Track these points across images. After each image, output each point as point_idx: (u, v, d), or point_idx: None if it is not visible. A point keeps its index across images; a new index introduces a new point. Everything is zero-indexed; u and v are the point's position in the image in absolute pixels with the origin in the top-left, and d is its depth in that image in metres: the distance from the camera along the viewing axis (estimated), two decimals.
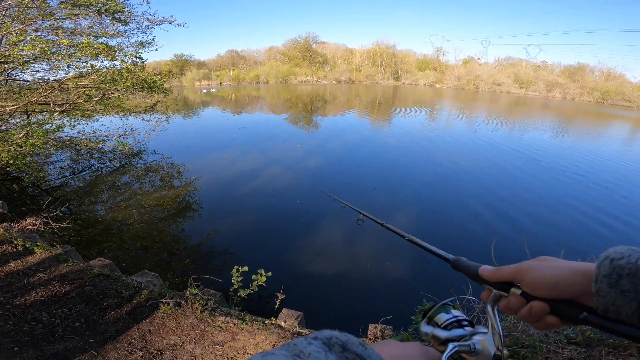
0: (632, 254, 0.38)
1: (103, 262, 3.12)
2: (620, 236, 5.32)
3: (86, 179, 7.72)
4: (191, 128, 15.42)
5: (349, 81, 66.80)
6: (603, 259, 0.40)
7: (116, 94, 7.38)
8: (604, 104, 49.42)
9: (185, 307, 2.43)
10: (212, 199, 6.41)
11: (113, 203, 6.33)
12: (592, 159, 10.40)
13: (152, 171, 8.42)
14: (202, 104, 29.47)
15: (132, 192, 6.91)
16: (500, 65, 66.87)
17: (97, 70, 5.88)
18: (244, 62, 73.94)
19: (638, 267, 0.37)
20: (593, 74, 58.72)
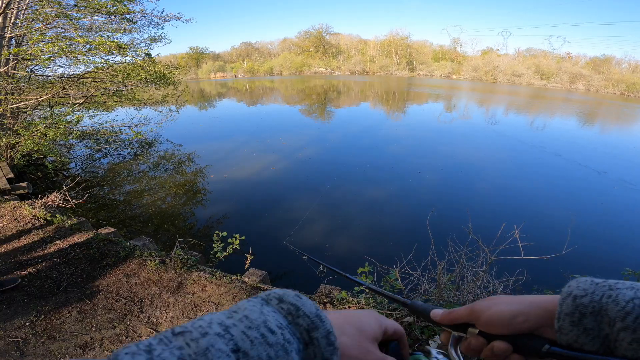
0: (596, 290, 0.38)
1: (109, 230, 3.73)
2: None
3: (104, 166, 8.55)
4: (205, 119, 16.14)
5: (362, 72, 66.26)
6: (566, 295, 0.40)
7: (130, 86, 8.03)
8: (629, 96, 47.06)
9: (169, 264, 2.98)
10: (214, 182, 7.01)
11: (127, 185, 7.07)
12: None
13: (165, 158, 9.16)
14: (218, 95, 30.34)
15: (144, 176, 7.63)
16: (521, 56, 64.48)
17: (111, 65, 6.52)
18: (258, 54, 74.55)
19: (602, 305, 0.36)
20: (620, 66, 55.84)
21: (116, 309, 2.56)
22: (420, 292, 2.38)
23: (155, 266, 2.98)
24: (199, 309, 2.58)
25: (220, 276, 2.88)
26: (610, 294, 0.37)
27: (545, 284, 2.53)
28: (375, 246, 4.57)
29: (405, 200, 6.22)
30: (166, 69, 8.55)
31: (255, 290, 2.77)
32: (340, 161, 8.59)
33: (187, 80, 54.90)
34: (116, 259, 3.13)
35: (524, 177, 7.76)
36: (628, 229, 5.39)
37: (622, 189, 7.03)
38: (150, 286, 2.81)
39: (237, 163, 8.42)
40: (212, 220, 5.37)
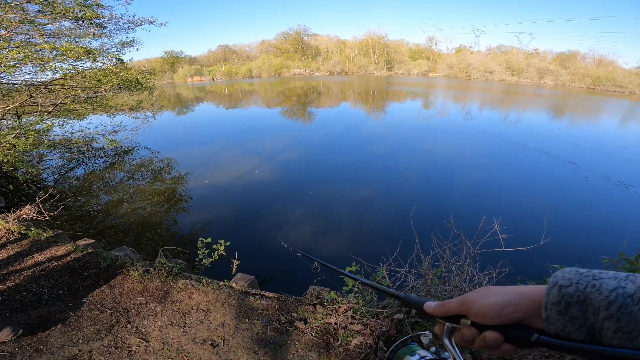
0: (581, 280, 0.39)
1: (87, 241, 3.60)
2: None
3: (79, 176, 8.23)
4: (183, 124, 15.77)
5: (342, 72, 66.77)
6: (552, 285, 0.41)
7: (102, 93, 7.75)
8: (595, 89, 49.75)
9: (153, 274, 2.91)
10: (195, 188, 6.87)
11: (104, 195, 6.83)
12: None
13: (143, 166, 8.91)
14: (196, 99, 29.75)
15: (121, 185, 7.39)
16: (492, 53, 66.92)
17: (80, 71, 6.27)
18: (236, 57, 73.71)
19: (587, 294, 0.37)
20: (585, 61, 59.04)
21: (102, 320, 2.51)
22: (408, 289, 2.42)
23: (139, 276, 2.91)
24: (188, 316, 2.54)
25: (207, 283, 2.84)
26: (594, 283, 0.38)
27: (528, 275, 2.59)
28: (362, 245, 4.62)
29: (388, 198, 6.33)
30: (140, 74, 8.31)
31: (243, 296, 2.75)
32: (323, 162, 8.63)
33: (162, 85, 53.50)
34: (97, 270, 3.04)
35: (500, 170, 8.06)
36: (601, 217, 5.65)
37: (593, 179, 7.42)
38: (135, 296, 2.74)
39: (218, 168, 8.30)
40: (196, 227, 5.28)
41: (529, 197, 6.36)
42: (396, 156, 9.01)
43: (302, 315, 2.48)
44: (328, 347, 2.20)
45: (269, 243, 4.64)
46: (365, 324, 2.28)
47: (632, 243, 3.94)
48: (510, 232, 2.21)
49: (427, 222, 5.01)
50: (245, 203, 6.15)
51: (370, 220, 5.39)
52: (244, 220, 5.50)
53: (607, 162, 8.78)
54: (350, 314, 2.38)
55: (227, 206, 6.02)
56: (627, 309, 0.35)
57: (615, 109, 24.41)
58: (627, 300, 0.35)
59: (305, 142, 10.91)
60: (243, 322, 2.48)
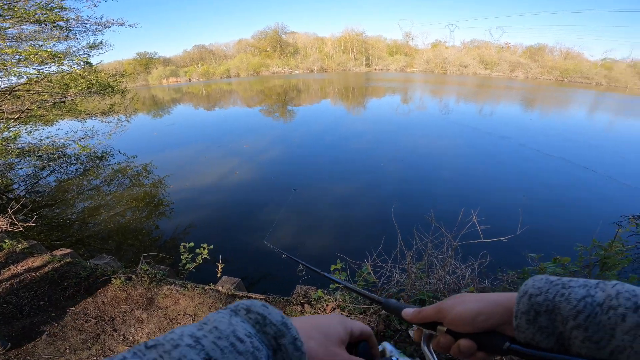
0: (550, 288, 0.39)
1: (64, 251, 3.47)
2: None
3: (52, 184, 7.87)
4: (159, 127, 15.32)
5: (321, 70, 66.74)
6: (522, 294, 0.41)
7: (70, 97, 7.41)
8: (563, 81, 52.08)
9: (136, 281, 2.84)
10: (175, 192, 6.71)
11: (80, 203, 6.55)
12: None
13: (119, 171, 8.61)
14: (172, 101, 28.95)
15: (97, 192, 7.11)
16: (466, 47, 68.72)
17: (46, 76, 5.97)
18: (213, 57, 72.19)
19: (555, 303, 0.37)
20: (552, 53, 61.63)
21: (87, 329, 2.46)
22: (393, 284, 2.44)
23: (122, 284, 2.84)
24: (175, 322, 2.50)
25: (192, 287, 2.80)
26: (563, 292, 0.38)
27: (507, 265, 2.61)
28: (346, 242, 4.66)
29: (370, 193, 6.40)
30: (110, 77, 7.99)
31: (230, 299, 2.73)
32: (305, 160, 8.63)
33: (136, 88, 51.77)
34: (77, 279, 2.96)
35: (477, 162, 8.32)
36: (573, 204, 5.91)
37: (564, 167, 7.78)
38: (119, 304, 2.68)
39: (198, 170, 8.14)
40: (178, 231, 5.17)
41: (505, 187, 6.60)
42: (377, 152, 9.12)
43: (290, 315, 2.49)
44: None
45: (254, 244, 4.61)
46: None
47: (604, 228, 4.16)
48: (489, 223, 2.24)
49: (409, 216, 5.08)
50: (228, 205, 6.07)
51: (353, 217, 5.45)
52: (226, 222, 5.43)
53: (579, 151, 9.23)
54: (338, 312, 2.40)
55: (209, 209, 5.92)
56: (596, 318, 0.35)
57: (582, 99, 25.69)
58: (596, 310, 0.35)
59: (287, 140, 10.87)
60: None
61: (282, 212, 5.57)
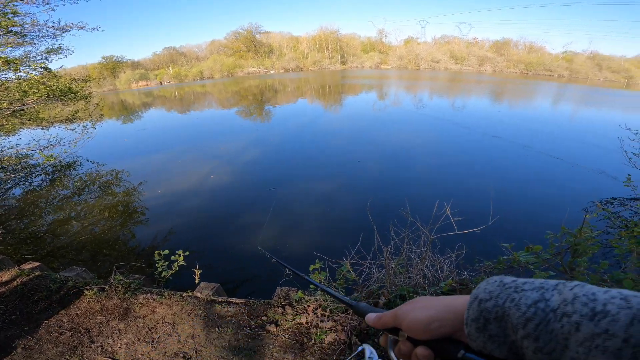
0: (502, 292, 0.36)
1: (33, 264, 3.31)
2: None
3: (17, 196, 7.42)
4: (130, 132, 14.73)
5: (297, 69, 66.50)
6: (472, 299, 0.38)
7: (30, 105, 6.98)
8: (528, 74, 54.64)
9: (110, 291, 2.74)
10: (149, 199, 6.49)
11: (49, 214, 6.22)
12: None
13: (89, 180, 8.22)
14: (143, 105, 27.92)
15: (67, 202, 6.76)
16: (438, 43, 70.64)
17: (3, 83, 5.59)
18: (184, 59, 70.20)
19: (505, 310, 0.34)
20: (517, 47, 64.50)
21: (63, 341, 2.39)
22: (373, 280, 2.46)
23: (95, 295, 2.74)
24: (154, 331, 2.43)
25: (169, 295, 2.72)
26: (514, 297, 0.35)
27: (484, 255, 2.65)
28: (325, 240, 4.67)
29: (347, 191, 6.44)
30: (72, 82, 7.59)
31: (210, 305, 2.67)
32: (281, 161, 8.58)
33: (103, 93, 49.56)
34: (48, 292, 2.86)
35: (450, 154, 8.58)
36: (542, 192, 6.15)
37: (532, 156, 8.16)
38: (94, 315, 2.59)
39: (173, 176, 7.90)
40: (156, 239, 5.00)
41: (476, 178, 6.83)
42: (353, 149, 9.21)
43: (272, 318, 2.47)
44: (303, 347, 2.22)
45: (232, 248, 4.54)
46: (335, 320, 2.32)
47: (573, 215, 4.35)
48: (462, 215, 2.27)
49: (385, 212, 5.15)
50: (204, 209, 5.93)
51: (331, 215, 5.47)
52: (204, 227, 5.31)
53: (547, 140, 9.70)
54: (320, 312, 2.40)
55: (186, 215, 5.77)
56: (547, 326, 0.31)
57: (546, 91, 27.05)
58: (549, 316, 0.31)
59: (263, 141, 10.76)
60: (213, 332, 2.41)
61: (260, 214, 5.51)
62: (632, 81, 49.29)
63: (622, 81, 49.78)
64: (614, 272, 1.95)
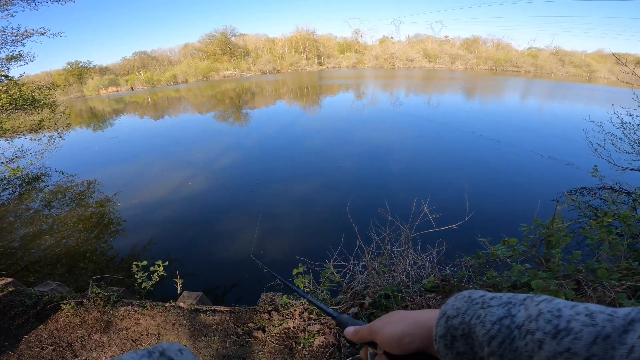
0: (469, 309, 0.35)
1: (5, 280, 3.14)
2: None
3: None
4: (100, 141, 14.11)
5: (274, 71, 66.13)
6: (441, 315, 0.38)
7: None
8: (497, 70, 56.98)
9: (88, 305, 2.63)
10: (124, 210, 6.24)
11: (19, 229, 5.84)
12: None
13: (59, 192, 7.79)
14: (113, 112, 26.84)
15: (37, 215, 6.38)
16: (411, 42, 72.33)
17: None
18: (156, 63, 68.18)
19: (471, 326, 0.34)
20: (486, 45, 67.11)
21: (45, 356, 2.30)
22: (357, 281, 2.46)
23: (72, 309, 2.63)
24: (139, 343, 2.36)
25: (151, 307, 2.64)
26: (479, 313, 0.34)
27: (464, 250, 2.69)
28: (307, 243, 4.64)
29: (327, 192, 6.43)
30: (36, 90, 7.20)
31: (194, 314, 2.60)
32: (260, 165, 8.46)
33: (70, 100, 47.28)
34: (24, 308, 2.73)
35: (425, 151, 8.80)
36: (514, 185, 6.35)
37: (504, 149, 8.48)
38: (74, 329, 2.48)
39: (148, 185, 7.63)
40: (135, 250, 4.81)
41: (453, 173, 7.01)
42: (332, 149, 9.25)
43: (258, 324, 2.44)
44: (292, 352, 2.20)
45: (213, 256, 4.43)
46: (322, 323, 2.32)
47: (545, 206, 4.50)
48: (440, 211, 2.28)
49: (365, 212, 5.14)
50: (183, 218, 5.76)
51: (312, 217, 5.45)
52: (183, 236, 5.16)
53: (518, 134, 10.14)
54: (306, 316, 2.39)
55: (164, 224, 5.58)
56: (512, 344, 0.30)
57: (514, 86, 28.29)
58: (514, 333, 0.30)
59: (241, 146, 10.60)
60: (200, 341, 2.36)
61: (242, 220, 5.42)
62: (594, 75, 52.50)
63: (584, 75, 52.91)
64: (588, 262, 2.02)
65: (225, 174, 7.83)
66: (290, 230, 5.07)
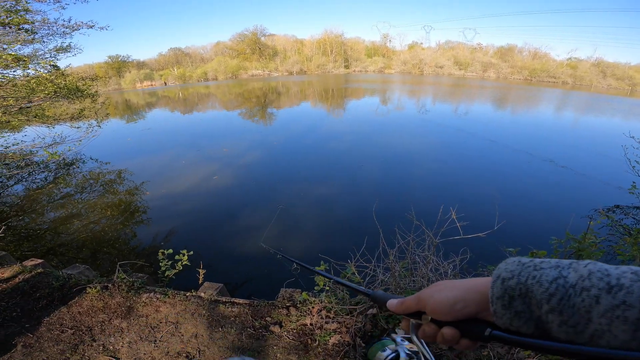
0: (522, 271, 0.38)
1: (35, 261, 3.31)
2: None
3: (20, 193, 7.45)
4: (134, 132, 14.79)
5: (300, 72, 66.78)
6: (495, 278, 0.40)
7: (37, 102, 7.04)
8: (532, 81, 54.62)
9: (113, 290, 2.73)
10: (152, 199, 6.50)
11: (50, 212, 6.24)
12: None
13: (91, 179, 8.25)
14: (147, 105, 28.07)
15: (69, 200, 6.78)
16: (442, 48, 70.82)
17: (11, 80, 5.65)
18: (189, 60, 70.66)
19: (528, 286, 0.36)
20: (522, 54, 64.57)
21: (64, 340, 2.36)
22: (378, 283, 2.45)
23: (97, 293, 2.73)
24: (157, 330, 2.43)
25: (173, 295, 2.72)
26: (534, 274, 0.36)
27: (487, 259, 2.64)
28: (329, 243, 4.66)
29: (351, 194, 6.43)
30: (80, 81, 7.65)
31: (213, 305, 2.66)
32: (285, 163, 8.58)
33: (108, 92, 49.89)
34: (50, 290, 2.84)
35: (454, 159, 8.57)
36: (547, 199, 6.11)
37: (538, 163, 8.13)
38: (96, 313, 2.57)
39: (176, 176, 7.92)
40: (157, 238, 5.00)
41: (481, 184, 6.83)
42: (357, 152, 9.22)
43: (276, 319, 2.46)
44: (307, 349, 2.21)
45: (236, 249, 4.53)
46: (340, 322, 2.31)
47: (577, 221, 4.33)
48: (467, 220, 2.27)
49: (390, 215, 5.13)
50: (207, 210, 5.94)
51: (335, 218, 5.46)
52: (207, 227, 5.31)
53: (550, 147, 9.69)
54: (324, 314, 2.39)
55: (189, 215, 5.77)
56: (569, 300, 0.33)
57: (551, 98, 27.03)
58: (570, 291, 0.33)
59: (267, 143, 10.78)
60: (216, 332, 2.40)
61: (264, 215, 5.50)
62: (636, 89, 49.22)
63: (626, 88, 49.72)
64: None
65: (250, 171, 7.98)
66: (313, 229, 5.10)
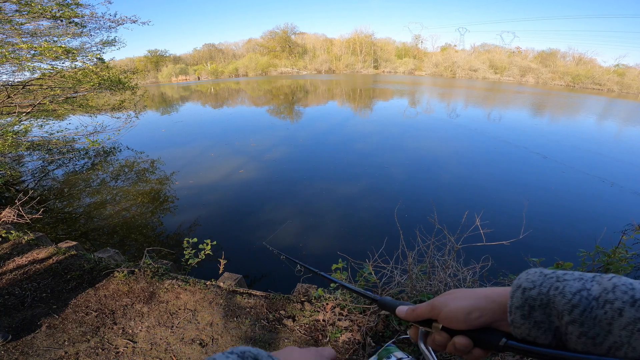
0: (544, 282, 0.38)
1: (69, 243, 3.55)
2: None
3: (59, 177, 8.03)
4: (167, 123, 15.48)
5: (329, 71, 66.84)
6: (515, 288, 0.40)
7: (82, 93, 7.56)
8: (575, 87, 51.33)
9: (138, 275, 2.89)
10: (180, 189, 6.79)
11: (86, 197, 6.68)
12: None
13: (126, 167, 8.75)
14: (181, 98, 29.25)
15: (104, 186, 7.24)
16: (477, 51, 68.19)
17: (59, 71, 6.10)
18: (222, 55, 72.79)
19: (549, 297, 0.36)
20: (565, 59, 60.81)
21: (87, 322, 2.50)
22: (394, 284, 2.44)
23: (124, 277, 2.88)
24: (175, 316, 2.54)
25: (194, 283, 2.84)
26: (557, 285, 0.37)
27: (509, 268, 2.59)
28: (348, 242, 4.67)
29: (374, 194, 6.39)
30: (122, 74, 8.13)
31: (231, 295, 2.76)
32: (310, 160, 8.65)
33: (146, 85, 52.44)
34: (81, 272, 3.01)
35: (482, 166, 8.25)
36: (578, 210, 5.84)
37: (571, 173, 7.68)
38: (120, 297, 2.72)
39: (204, 168, 8.22)
40: (182, 227, 5.23)
41: (508, 192, 6.54)
42: (382, 153, 9.11)
43: (290, 312, 2.51)
44: (317, 344, 2.24)
45: (256, 242, 4.64)
46: (352, 320, 2.32)
47: (609, 235, 4.07)
48: (492, 227, 2.22)
49: (412, 217, 5.10)
50: (232, 202, 6.12)
51: (357, 217, 5.45)
52: (230, 219, 5.47)
53: (585, 158, 9.11)
54: (337, 311, 2.41)
55: (214, 206, 5.98)
56: (592, 312, 0.33)
57: (593, 106, 25.29)
58: (592, 304, 0.33)
59: (293, 140, 10.91)
60: (231, 321, 2.49)
61: (285, 211, 5.60)
62: None
63: None
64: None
65: (275, 166, 8.13)
66: (332, 227, 5.13)
